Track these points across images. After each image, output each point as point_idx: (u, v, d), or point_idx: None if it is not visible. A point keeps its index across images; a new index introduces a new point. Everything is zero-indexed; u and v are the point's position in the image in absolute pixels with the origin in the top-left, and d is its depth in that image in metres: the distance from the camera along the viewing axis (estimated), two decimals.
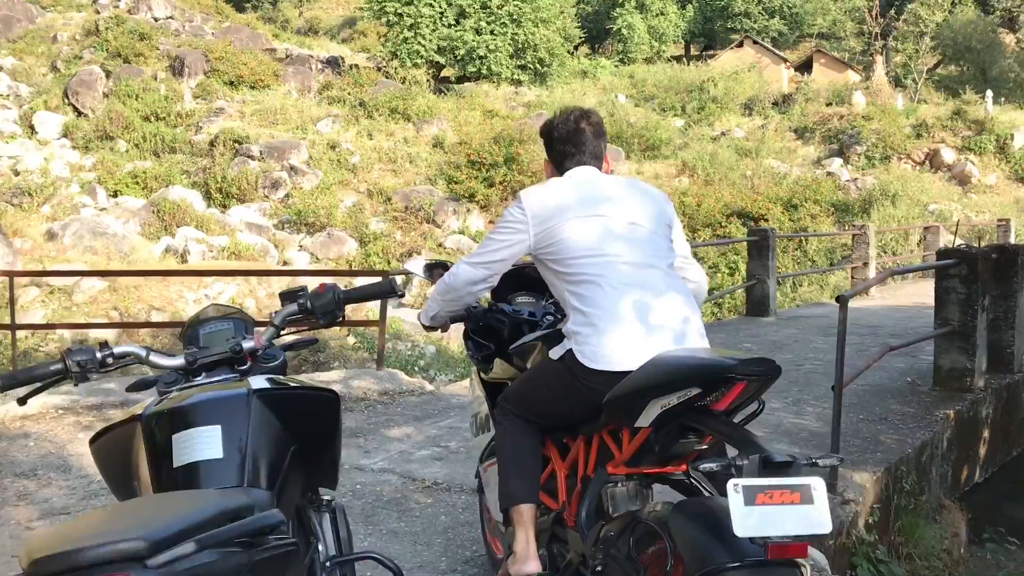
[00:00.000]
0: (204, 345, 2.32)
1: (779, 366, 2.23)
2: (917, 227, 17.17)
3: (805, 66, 51.66)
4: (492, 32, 34.62)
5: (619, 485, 2.55)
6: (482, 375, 3.30)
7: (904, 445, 5.52)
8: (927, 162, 30.37)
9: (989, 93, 33.85)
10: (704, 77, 40.64)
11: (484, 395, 3.28)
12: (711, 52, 55.61)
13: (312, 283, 2.69)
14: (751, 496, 1.86)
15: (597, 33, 53.37)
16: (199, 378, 2.24)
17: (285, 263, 20.71)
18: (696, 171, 27.30)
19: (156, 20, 32.48)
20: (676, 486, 2.47)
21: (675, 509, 2.16)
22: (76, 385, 2.19)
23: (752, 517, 1.84)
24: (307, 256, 21.59)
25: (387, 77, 32.18)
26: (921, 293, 13.58)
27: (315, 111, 28.06)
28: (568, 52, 40.37)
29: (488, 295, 3.19)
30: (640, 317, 2.54)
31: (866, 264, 13.45)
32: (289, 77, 30.47)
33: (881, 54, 46.76)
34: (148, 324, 12.27)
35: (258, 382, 2.12)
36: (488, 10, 34.55)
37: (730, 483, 1.88)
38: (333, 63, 34.41)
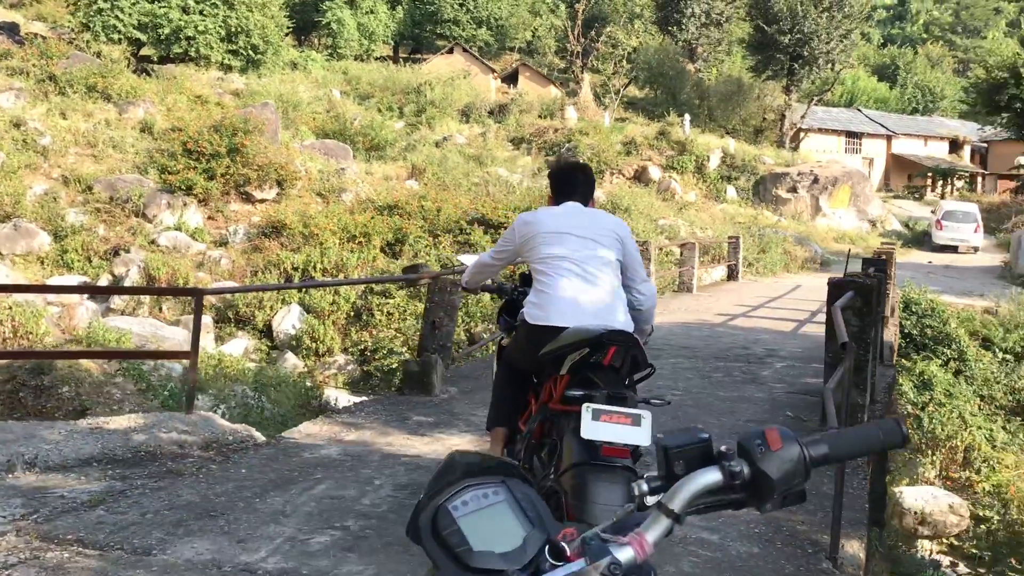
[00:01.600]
0: (483, 548, 1.08)
1: (634, 336, 3.33)
2: (676, 243, 17.53)
3: (511, 78, 52.93)
4: (201, 12, 31.81)
5: (558, 417, 3.30)
6: (502, 343, 4.23)
7: (854, 500, 4.96)
8: (636, 178, 31.86)
9: (687, 117, 36.23)
10: (420, 80, 40.16)
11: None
12: (419, 56, 55.44)
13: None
14: (596, 415, 2.83)
15: (304, 25, 51.31)
16: None
17: None
18: (426, 175, 26.60)
19: None
20: None
21: (568, 430, 3.06)
22: None
23: (595, 428, 2.81)
24: None
25: (79, 51, 28.43)
26: (695, 309, 13.69)
27: None
28: (281, 40, 38.20)
29: (517, 280, 4.33)
30: (570, 297, 3.58)
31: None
32: None
33: (584, 73, 48.85)
34: None
35: None
36: None
37: (583, 405, 2.86)
38: (9, 30, 29.99)
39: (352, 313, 18.46)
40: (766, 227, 24.73)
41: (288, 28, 43.37)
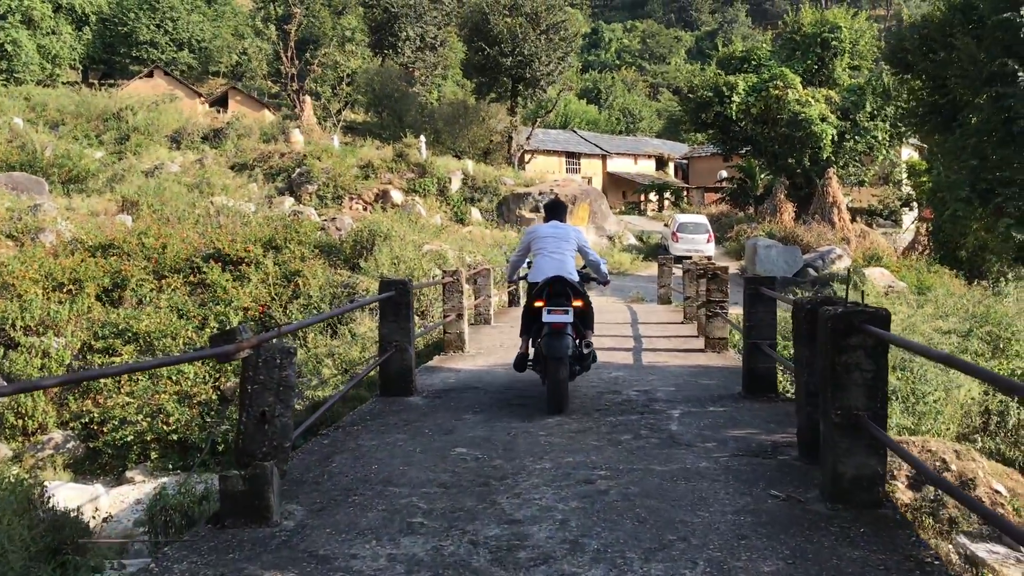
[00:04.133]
0: None
1: (561, 276, 7.48)
2: (472, 272, 15.57)
3: (221, 101, 49.15)
4: None
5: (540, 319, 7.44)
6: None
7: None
8: (377, 202, 29.79)
9: (423, 139, 34.67)
10: (120, 106, 35.80)
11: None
12: (113, 81, 50.11)
13: None
14: (548, 312, 7.20)
15: None
16: None
17: None
18: (142, 208, 23.03)
19: None
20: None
21: (541, 322, 7.40)
22: None
23: (548, 316, 7.19)
24: None
25: None
26: (510, 344, 11.82)
27: None
28: None
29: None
30: (547, 266, 7.64)
31: (460, 316, 11.26)
32: None
33: (302, 96, 46.04)
34: None
35: None
36: None
37: (543, 308, 7.29)
38: None
39: None
40: None
41: None
